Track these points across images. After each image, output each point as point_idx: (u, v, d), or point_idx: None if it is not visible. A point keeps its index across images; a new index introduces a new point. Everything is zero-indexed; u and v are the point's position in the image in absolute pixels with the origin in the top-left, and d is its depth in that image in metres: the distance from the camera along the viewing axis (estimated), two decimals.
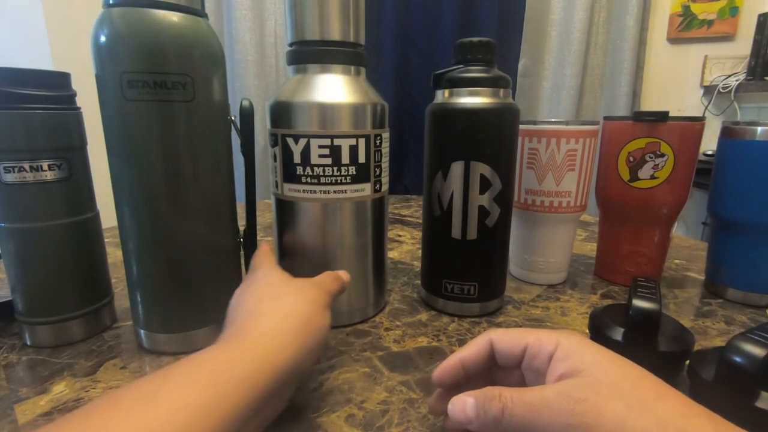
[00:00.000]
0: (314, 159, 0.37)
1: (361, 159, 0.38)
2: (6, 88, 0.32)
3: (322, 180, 0.37)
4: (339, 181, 0.38)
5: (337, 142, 0.37)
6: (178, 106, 0.31)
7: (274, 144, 0.38)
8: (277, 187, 0.39)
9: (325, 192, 0.38)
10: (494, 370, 0.27)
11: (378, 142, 0.39)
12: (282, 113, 0.37)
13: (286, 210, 0.40)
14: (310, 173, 0.37)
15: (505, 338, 0.25)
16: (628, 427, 0.18)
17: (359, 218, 0.40)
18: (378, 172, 0.40)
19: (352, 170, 0.38)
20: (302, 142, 0.36)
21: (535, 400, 0.20)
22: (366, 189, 0.39)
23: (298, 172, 0.37)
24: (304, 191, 0.38)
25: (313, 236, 0.40)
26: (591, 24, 1.54)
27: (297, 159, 0.37)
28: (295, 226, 0.40)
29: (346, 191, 0.38)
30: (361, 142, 0.38)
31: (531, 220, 0.51)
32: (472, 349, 0.26)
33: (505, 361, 0.25)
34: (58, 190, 0.35)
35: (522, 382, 0.25)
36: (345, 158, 0.37)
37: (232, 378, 0.21)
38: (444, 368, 0.26)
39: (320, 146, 0.37)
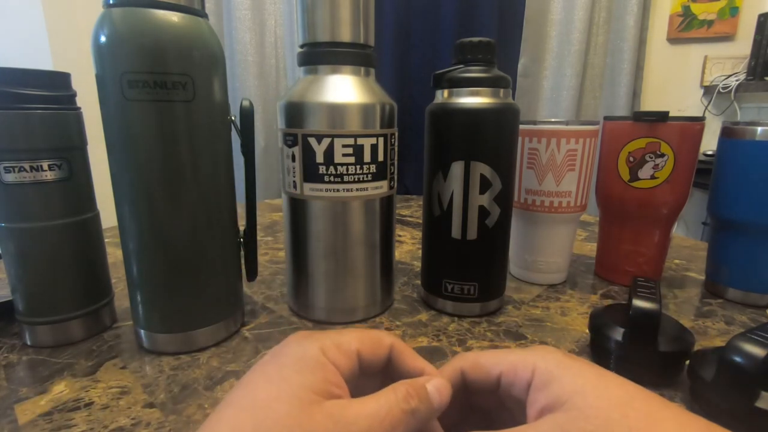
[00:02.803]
0: (338, 158, 0.37)
1: (380, 157, 0.39)
2: (6, 88, 0.32)
3: (345, 179, 0.38)
4: (361, 179, 0.38)
5: (360, 141, 0.37)
6: (178, 106, 0.31)
7: (291, 144, 0.38)
8: (294, 187, 0.39)
9: (348, 190, 0.38)
10: (471, 393, 0.25)
11: (393, 140, 0.40)
12: (301, 113, 0.37)
13: (303, 209, 0.40)
14: (333, 172, 0.37)
15: (477, 368, 0.23)
16: None
17: (375, 215, 0.41)
18: (393, 170, 0.41)
19: (373, 168, 0.38)
20: (326, 141, 0.37)
21: None
22: (384, 186, 0.40)
23: (320, 172, 0.37)
24: (326, 190, 0.38)
25: (331, 235, 0.40)
26: (591, 24, 1.54)
27: (320, 158, 0.37)
28: (313, 225, 0.40)
29: (367, 188, 0.39)
30: (381, 140, 0.38)
31: (531, 220, 0.51)
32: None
33: (479, 390, 0.24)
34: (58, 190, 0.35)
35: (501, 405, 0.24)
36: (367, 157, 0.38)
37: None
38: None
39: (344, 146, 0.37)
